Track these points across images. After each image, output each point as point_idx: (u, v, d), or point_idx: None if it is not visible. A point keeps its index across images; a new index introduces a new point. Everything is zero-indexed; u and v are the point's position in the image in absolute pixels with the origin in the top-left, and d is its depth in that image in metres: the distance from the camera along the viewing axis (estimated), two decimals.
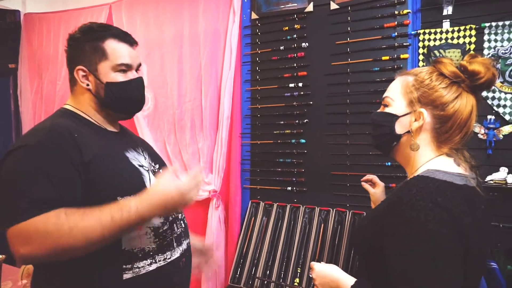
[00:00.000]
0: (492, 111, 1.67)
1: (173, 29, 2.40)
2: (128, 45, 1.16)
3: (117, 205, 0.94)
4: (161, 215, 1.01)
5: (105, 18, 2.68)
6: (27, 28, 3.06)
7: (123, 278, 1.02)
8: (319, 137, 2.00)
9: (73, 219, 0.91)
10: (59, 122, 1.06)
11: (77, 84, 1.15)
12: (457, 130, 0.91)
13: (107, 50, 1.12)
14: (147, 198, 0.96)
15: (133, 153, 1.17)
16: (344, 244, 1.86)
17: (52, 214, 0.90)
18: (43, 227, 0.89)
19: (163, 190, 0.97)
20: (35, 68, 3.03)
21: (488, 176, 1.62)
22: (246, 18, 2.21)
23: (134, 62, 1.17)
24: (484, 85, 0.91)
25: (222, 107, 2.21)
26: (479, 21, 1.68)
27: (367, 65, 1.87)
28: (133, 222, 0.94)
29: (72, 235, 0.89)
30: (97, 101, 1.15)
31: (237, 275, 2.06)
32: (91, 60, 1.12)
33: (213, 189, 2.23)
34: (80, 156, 0.99)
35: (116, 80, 1.13)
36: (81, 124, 1.11)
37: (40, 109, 3.00)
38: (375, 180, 1.35)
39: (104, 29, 1.15)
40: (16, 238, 0.89)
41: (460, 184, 0.85)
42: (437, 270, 0.75)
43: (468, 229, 0.79)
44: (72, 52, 1.15)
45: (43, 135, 1.00)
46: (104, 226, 0.91)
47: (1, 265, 1.66)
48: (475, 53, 0.95)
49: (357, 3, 1.89)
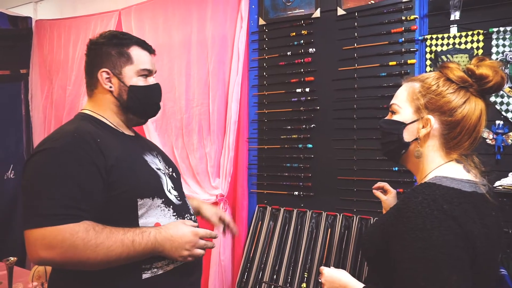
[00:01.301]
0: (501, 116, 1.67)
1: (181, 35, 2.43)
2: (148, 52, 1.23)
3: (139, 230, 1.02)
4: (171, 251, 1.06)
5: (114, 24, 2.72)
6: (38, 34, 3.12)
7: (142, 277, 1.06)
8: (326, 142, 2.01)
9: (100, 237, 0.95)
10: (82, 127, 1.08)
11: (99, 86, 1.18)
12: (466, 136, 0.90)
13: (132, 55, 1.18)
14: (165, 230, 1.06)
15: (150, 156, 1.21)
16: (351, 249, 1.86)
17: (82, 227, 0.94)
18: (70, 238, 0.91)
19: (181, 228, 1.08)
20: (46, 74, 3.08)
21: (497, 181, 1.60)
22: (253, 24, 2.23)
23: (153, 68, 1.24)
24: (492, 88, 0.90)
25: (229, 112, 2.23)
26: (487, 26, 1.67)
27: (374, 70, 1.87)
28: (148, 249, 1.02)
29: (96, 251, 0.94)
30: (119, 103, 1.18)
31: (244, 279, 2.06)
32: (116, 64, 1.16)
33: (220, 193, 2.24)
34: (104, 161, 1.02)
35: (138, 84, 1.18)
36: (101, 128, 1.14)
37: (51, 114, 3.05)
38: (387, 187, 1.34)
39: (128, 36, 1.21)
40: (39, 241, 0.91)
41: (469, 191, 0.85)
42: (442, 277, 0.74)
43: (475, 236, 0.78)
44: (94, 56, 1.19)
45: (68, 139, 1.02)
46: (124, 247, 0.97)
47: (12, 267, 1.68)
48: (482, 56, 0.93)
49: (364, 9, 1.90)
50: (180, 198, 1.22)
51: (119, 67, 1.16)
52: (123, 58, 1.17)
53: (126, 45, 1.18)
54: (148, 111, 1.25)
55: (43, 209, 0.92)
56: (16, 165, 3.09)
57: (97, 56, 1.18)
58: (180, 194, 1.24)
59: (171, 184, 1.21)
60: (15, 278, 1.74)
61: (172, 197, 1.18)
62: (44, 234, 0.90)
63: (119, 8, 2.73)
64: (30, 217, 0.93)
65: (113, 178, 1.03)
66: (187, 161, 2.40)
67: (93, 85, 1.19)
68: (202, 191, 2.32)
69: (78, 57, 2.89)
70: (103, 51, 1.17)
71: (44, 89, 3.10)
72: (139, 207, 1.07)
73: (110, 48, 1.16)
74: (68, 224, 0.92)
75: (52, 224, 0.91)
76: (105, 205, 1.01)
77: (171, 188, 1.20)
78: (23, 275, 1.91)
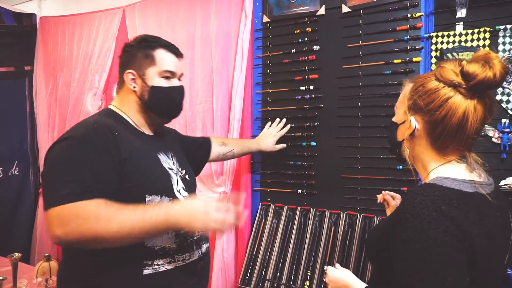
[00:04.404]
0: (507, 115, 1.65)
1: (185, 32, 2.43)
2: (175, 55, 1.28)
3: (150, 205, 1.05)
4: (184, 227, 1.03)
5: (118, 21, 2.73)
6: (42, 31, 3.13)
7: (143, 273, 1.08)
8: (330, 140, 2.00)
9: (111, 210, 0.98)
10: (102, 120, 1.15)
11: (124, 86, 1.26)
12: (449, 137, 0.88)
13: (156, 57, 1.23)
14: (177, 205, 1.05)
15: (164, 156, 1.25)
16: (355, 247, 1.85)
17: (93, 202, 0.98)
18: (83, 212, 0.96)
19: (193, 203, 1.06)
20: (50, 70, 3.09)
21: (502, 180, 1.59)
22: (257, 21, 2.22)
23: (178, 71, 1.29)
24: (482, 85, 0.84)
25: (233, 109, 2.22)
26: (493, 24, 1.66)
27: (379, 68, 1.86)
28: (159, 224, 1.00)
29: (108, 224, 0.96)
30: (141, 102, 1.24)
31: (247, 277, 2.07)
32: (141, 65, 1.23)
33: (223, 191, 2.24)
34: (119, 152, 1.07)
35: (160, 85, 1.23)
36: (121, 124, 1.19)
37: (55, 110, 3.06)
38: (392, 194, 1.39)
39: (155, 39, 1.28)
40: (55, 219, 0.96)
41: (470, 191, 0.84)
42: (438, 278, 0.74)
43: (474, 237, 0.78)
44: (125, 58, 1.27)
45: (88, 129, 1.09)
46: (136, 220, 0.98)
47: (17, 263, 1.69)
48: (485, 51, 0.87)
49: (369, 6, 1.88)
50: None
51: (143, 68, 1.23)
52: (148, 60, 1.23)
53: (152, 47, 1.24)
54: (168, 110, 1.30)
55: (59, 190, 0.98)
56: (20, 162, 3.10)
57: (126, 58, 1.26)
58: (192, 197, 1.26)
59: (182, 185, 1.23)
60: (20, 274, 1.75)
61: (181, 198, 1.19)
62: (59, 212, 0.95)
63: (123, 5, 2.72)
64: (48, 199, 0.99)
65: (125, 171, 1.07)
66: None
67: (120, 84, 1.27)
68: (205, 188, 2.32)
69: (82, 54, 2.89)
70: (131, 53, 1.25)
71: (48, 86, 3.11)
72: (147, 203, 1.10)
73: (138, 50, 1.24)
74: (81, 201, 0.96)
75: (66, 202, 0.95)
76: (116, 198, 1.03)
77: (182, 189, 1.22)
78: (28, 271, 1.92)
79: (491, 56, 0.84)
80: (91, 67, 2.83)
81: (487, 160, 0.94)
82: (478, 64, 0.85)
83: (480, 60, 0.86)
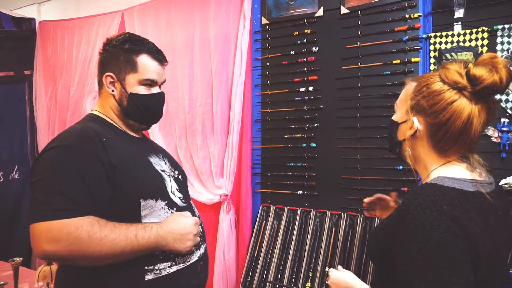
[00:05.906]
0: (506, 114, 1.65)
1: (184, 35, 2.43)
2: (159, 63, 1.23)
3: (142, 225, 1.04)
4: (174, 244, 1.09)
5: (117, 25, 2.73)
6: (42, 35, 3.14)
7: (145, 279, 1.06)
8: (329, 141, 2.00)
9: (105, 231, 0.96)
10: (88, 126, 1.11)
11: (103, 88, 1.21)
12: (451, 140, 0.87)
13: (138, 64, 1.18)
14: (166, 224, 1.08)
15: (155, 158, 1.22)
16: (356, 248, 1.85)
17: (86, 221, 0.95)
18: (76, 231, 0.93)
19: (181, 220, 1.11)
20: (50, 74, 3.10)
21: (502, 180, 1.59)
22: (256, 23, 2.23)
23: (159, 79, 1.23)
24: (489, 90, 0.83)
25: (232, 111, 2.23)
26: (492, 24, 1.66)
27: (377, 69, 1.87)
28: (151, 243, 1.03)
29: (100, 245, 0.95)
30: (120, 108, 1.20)
31: (248, 278, 2.06)
32: (121, 70, 1.18)
33: (224, 193, 2.24)
34: (108, 158, 1.04)
35: (139, 92, 1.19)
36: (108, 129, 1.16)
37: (55, 114, 3.07)
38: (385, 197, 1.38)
39: (140, 43, 1.21)
40: (43, 235, 0.92)
41: (472, 190, 0.84)
42: (441, 279, 0.74)
43: (477, 237, 0.77)
44: (106, 57, 1.21)
45: (75, 137, 1.05)
46: (128, 240, 0.99)
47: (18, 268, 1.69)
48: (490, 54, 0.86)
49: (367, 7, 1.89)
50: (185, 200, 1.23)
51: (124, 73, 1.18)
52: (129, 66, 1.18)
53: (136, 52, 1.18)
54: (148, 118, 1.26)
55: (49, 204, 0.94)
56: (20, 166, 3.11)
57: (107, 58, 1.20)
58: (185, 196, 1.25)
59: (176, 186, 1.21)
60: (21, 278, 1.75)
61: (177, 199, 1.18)
62: (49, 227, 0.92)
63: (122, 9, 2.73)
64: (36, 212, 0.94)
65: (116, 177, 1.04)
66: (190, 161, 2.40)
67: (100, 84, 1.23)
68: (206, 190, 2.32)
69: (82, 57, 2.90)
70: (113, 55, 1.18)
71: (48, 90, 3.11)
72: (142, 207, 1.08)
73: (120, 52, 1.18)
74: (73, 218, 0.93)
75: (57, 218, 0.92)
76: (109, 205, 1.02)
77: (176, 190, 1.20)
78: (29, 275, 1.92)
79: (497, 61, 0.84)
80: (90, 71, 2.84)
81: (486, 160, 0.94)
82: (486, 68, 0.83)
83: (487, 64, 0.85)
